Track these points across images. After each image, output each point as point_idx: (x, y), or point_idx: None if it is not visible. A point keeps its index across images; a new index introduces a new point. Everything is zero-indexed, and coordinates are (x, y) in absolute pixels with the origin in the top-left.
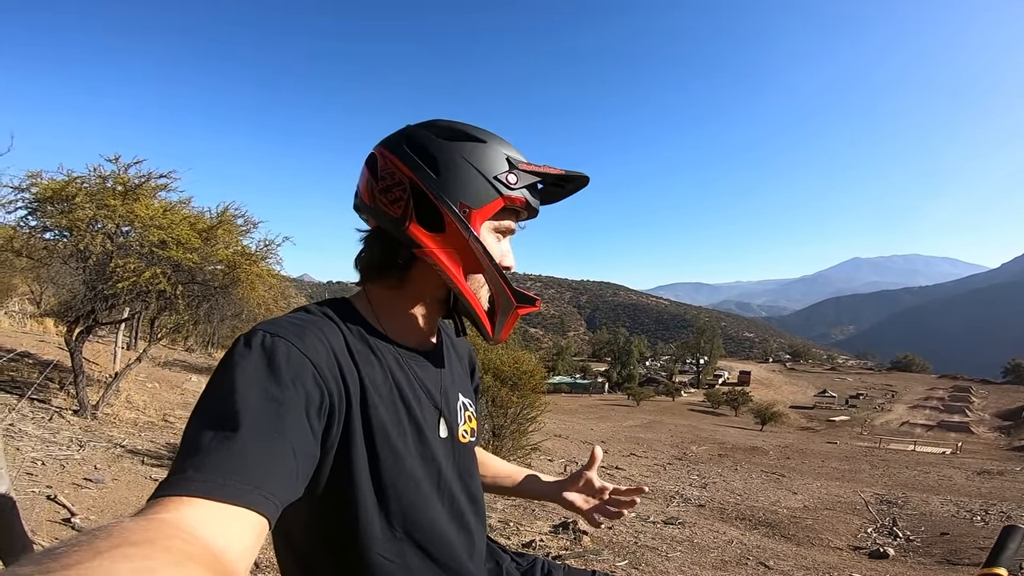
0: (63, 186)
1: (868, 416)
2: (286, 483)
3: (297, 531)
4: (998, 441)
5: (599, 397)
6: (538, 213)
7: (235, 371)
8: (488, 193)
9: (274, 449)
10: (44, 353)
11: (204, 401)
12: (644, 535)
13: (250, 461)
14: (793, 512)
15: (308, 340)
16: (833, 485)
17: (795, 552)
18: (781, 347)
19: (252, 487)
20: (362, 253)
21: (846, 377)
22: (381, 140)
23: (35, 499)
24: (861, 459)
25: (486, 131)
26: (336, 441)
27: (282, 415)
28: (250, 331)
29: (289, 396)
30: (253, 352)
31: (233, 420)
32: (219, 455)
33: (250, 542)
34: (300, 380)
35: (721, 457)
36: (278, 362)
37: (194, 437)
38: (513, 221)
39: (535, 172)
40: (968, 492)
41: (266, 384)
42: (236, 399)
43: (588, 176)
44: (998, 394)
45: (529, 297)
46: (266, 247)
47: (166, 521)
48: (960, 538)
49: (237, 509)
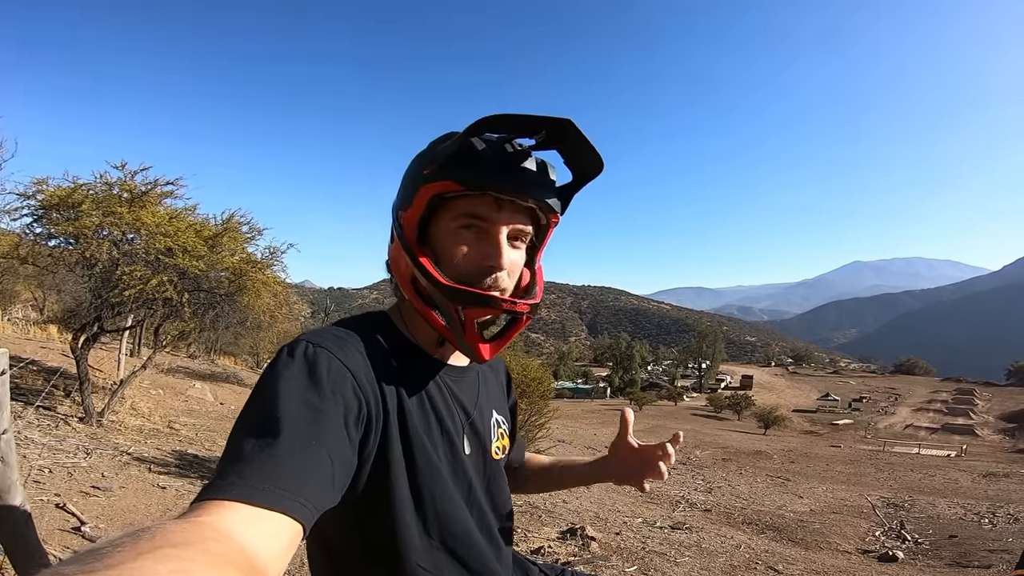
0: (69, 193)
1: (872, 419)
2: (323, 490)
3: (335, 540)
4: (1003, 443)
5: (601, 402)
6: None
7: (278, 380)
8: (413, 188)
9: (312, 457)
10: (48, 360)
11: (248, 408)
12: (651, 540)
13: (288, 468)
14: (800, 516)
15: (348, 351)
16: (839, 488)
17: (804, 556)
18: (783, 351)
19: (290, 493)
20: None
21: (849, 380)
22: None
23: (44, 507)
24: (866, 462)
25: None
26: (373, 451)
27: (321, 423)
28: (293, 341)
29: (329, 405)
30: (296, 362)
31: (274, 427)
32: (259, 461)
33: (284, 547)
34: (340, 390)
35: (725, 461)
36: (319, 372)
37: (237, 443)
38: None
39: (458, 141)
40: (975, 494)
41: (307, 393)
42: (278, 407)
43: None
44: (1002, 396)
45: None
46: (271, 254)
47: (205, 524)
48: (969, 540)
49: (274, 514)
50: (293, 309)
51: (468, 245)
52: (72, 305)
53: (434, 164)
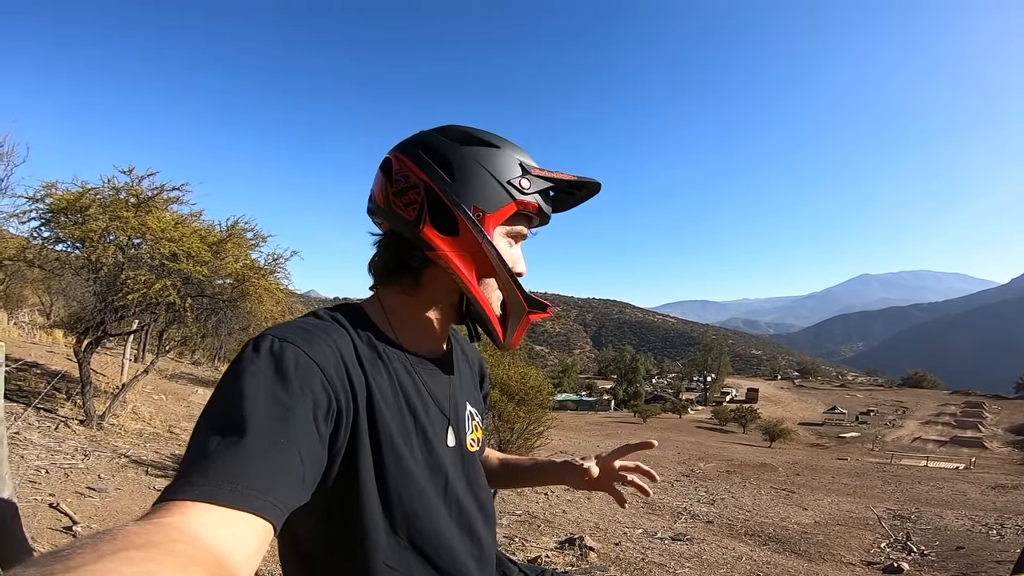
0: (77, 197)
1: (879, 432)
2: (292, 489)
3: (304, 537)
4: (1012, 456)
5: (605, 414)
6: (550, 220)
7: (243, 376)
8: (501, 197)
9: (281, 454)
10: (52, 364)
11: (212, 405)
12: (651, 551)
13: (256, 466)
14: (804, 528)
15: (316, 345)
16: (844, 501)
17: (807, 568)
18: (789, 364)
19: (257, 492)
20: (375, 257)
21: (856, 394)
22: (396, 145)
23: (37, 507)
24: (872, 475)
25: (500, 137)
26: (343, 447)
27: (289, 420)
28: (259, 336)
29: (297, 402)
30: (262, 357)
31: (240, 425)
32: (225, 460)
33: (254, 547)
34: (308, 385)
35: (729, 474)
36: (286, 367)
37: (201, 441)
38: (525, 227)
39: (548, 178)
40: (983, 506)
41: (274, 389)
42: (244, 404)
43: (600, 183)
44: (1011, 409)
45: (541, 303)
46: (274, 261)
47: (170, 525)
48: (976, 552)
49: (241, 514)
50: (297, 317)
51: (504, 252)
52: (78, 310)
53: (528, 181)
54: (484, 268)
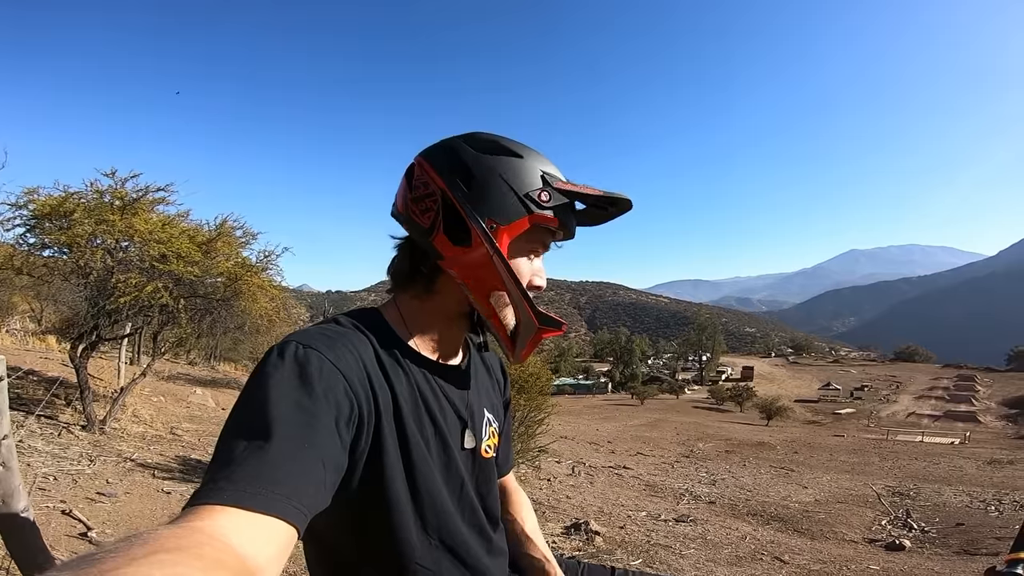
0: (60, 202)
1: (874, 408)
2: (315, 494)
3: (333, 545)
4: (1006, 430)
5: (603, 397)
6: (575, 235)
7: (268, 382)
8: (517, 210)
9: (305, 460)
10: (48, 370)
11: (237, 411)
12: (656, 533)
13: (281, 471)
14: (805, 506)
15: (339, 352)
16: (843, 478)
17: (810, 546)
18: (783, 341)
19: (282, 497)
20: (394, 260)
21: (850, 369)
22: (422, 150)
23: (50, 514)
24: (870, 451)
25: (525, 146)
26: (365, 452)
27: (313, 426)
28: (283, 342)
29: (320, 407)
30: (286, 363)
31: (265, 431)
32: (251, 465)
33: (278, 551)
34: (331, 392)
35: (728, 453)
36: (310, 373)
37: (227, 446)
38: (548, 240)
39: (572, 192)
40: (980, 482)
41: (298, 395)
42: (268, 410)
43: (630, 200)
44: (1003, 382)
45: (554, 320)
46: (266, 258)
47: (198, 529)
48: (976, 528)
49: (267, 518)
50: (291, 313)
51: (519, 266)
52: (70, 315)
53: (548, 195)
54: (494, 282)
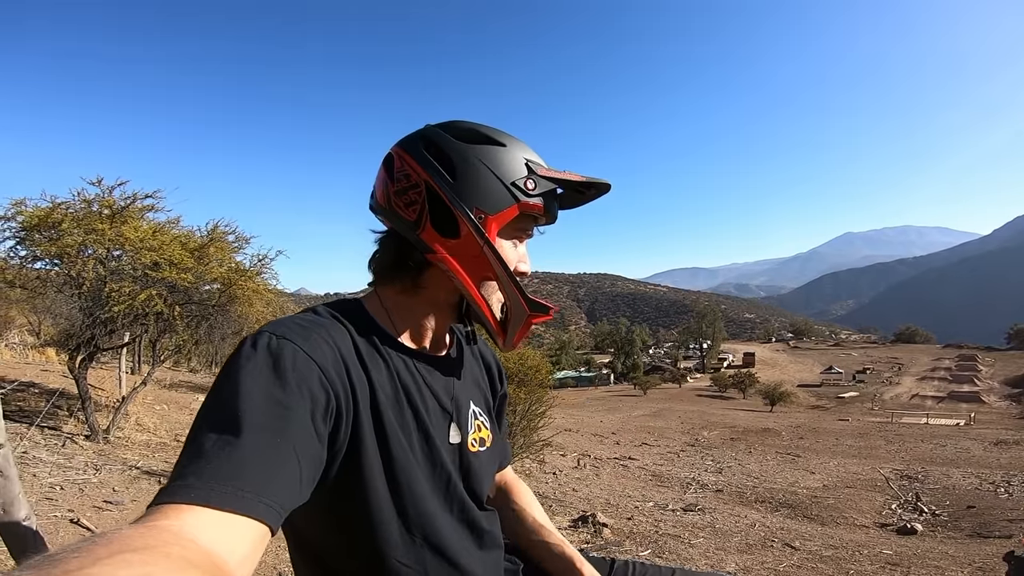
0: (48, 213)
1: (877, 390)
2: (289, 489)
3: (315, 541)
4: (1010, 409)
5: (605, 389)
6: (556, 219)
7: (240, 374)
8: (505, 199)
9: (278, 455)
10: (49, 382)
11: (208, 404)
12: (664, 523)
13: (252, 468)
14: (813, 492)
15: (314, 342)
16: (850, 463)
17: (820, 532)
18: (783, 326)
19: (253, 494)
20: (376, 254)
21: (851, 352)
22: (399, 140)
23: (58, 523)
24: (875, 435)
25: (506, 134)
26: (344, 445)
27: (287, 419)
28: (256, 332)
29: (294, 400)
30: (259, 354)
31: (236, 425)
32: (220, 461)
33: (250, 550)
34: (306, 383)
35: (734, 441)
36: (284, 365)
37: (196, 442)
38: (531, 226)
39: (555, 179)
40: (988, 463)
41: (270, 388)
42: (240, 403)
43: (609, 183)
44: (1004, 361)
45: (543, 305)
46: (260, 262)
47: (166, 528)
48: (988, 511)
49: (236, 517)
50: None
51: (507, 253)
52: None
53: (534, 183)
54: (485, 271)
